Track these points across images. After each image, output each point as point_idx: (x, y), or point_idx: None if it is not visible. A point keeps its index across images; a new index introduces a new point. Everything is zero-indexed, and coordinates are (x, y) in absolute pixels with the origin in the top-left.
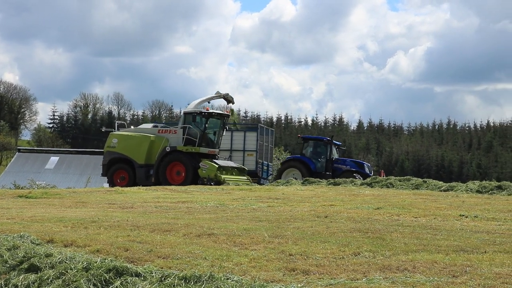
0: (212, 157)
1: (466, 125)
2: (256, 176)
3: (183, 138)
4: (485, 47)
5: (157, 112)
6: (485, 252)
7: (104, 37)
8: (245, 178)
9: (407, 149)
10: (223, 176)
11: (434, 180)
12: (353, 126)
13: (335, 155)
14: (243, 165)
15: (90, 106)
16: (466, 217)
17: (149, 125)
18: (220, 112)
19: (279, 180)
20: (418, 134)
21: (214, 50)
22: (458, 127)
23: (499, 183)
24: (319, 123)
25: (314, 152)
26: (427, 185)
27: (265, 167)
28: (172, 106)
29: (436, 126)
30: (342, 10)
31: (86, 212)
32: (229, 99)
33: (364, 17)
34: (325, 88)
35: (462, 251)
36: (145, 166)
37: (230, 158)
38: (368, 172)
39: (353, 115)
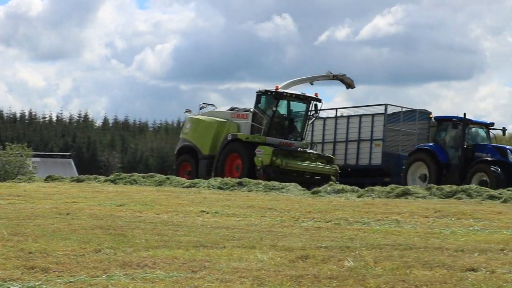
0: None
1: None
2: (383, 174)
3: (251, 124)
4: (230, 47)
5: None
6: (224, 247)
7: None
8: (330, 167)
9: (152, 146)
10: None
11: (177, 177)
12: (99, 122)
13: (485, 140)
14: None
15: None
16: (207, 213)
17: (225, 108)
18: (300, 93)
19: (20, 177)
20: (163, 131)
21: None
22: None
23: (240, 180)
24: (64, 119)
25: (447, 137)
26: (171, 182)
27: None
28: None
29: (181, 124)
30: (90, 6)
31: None
32: (347, 82)
33: (112, 14)
34: (72, 84)
35: (202, 247)
36: (208, 158)
37: (313, 148)
38: None
39: (98, 112)
